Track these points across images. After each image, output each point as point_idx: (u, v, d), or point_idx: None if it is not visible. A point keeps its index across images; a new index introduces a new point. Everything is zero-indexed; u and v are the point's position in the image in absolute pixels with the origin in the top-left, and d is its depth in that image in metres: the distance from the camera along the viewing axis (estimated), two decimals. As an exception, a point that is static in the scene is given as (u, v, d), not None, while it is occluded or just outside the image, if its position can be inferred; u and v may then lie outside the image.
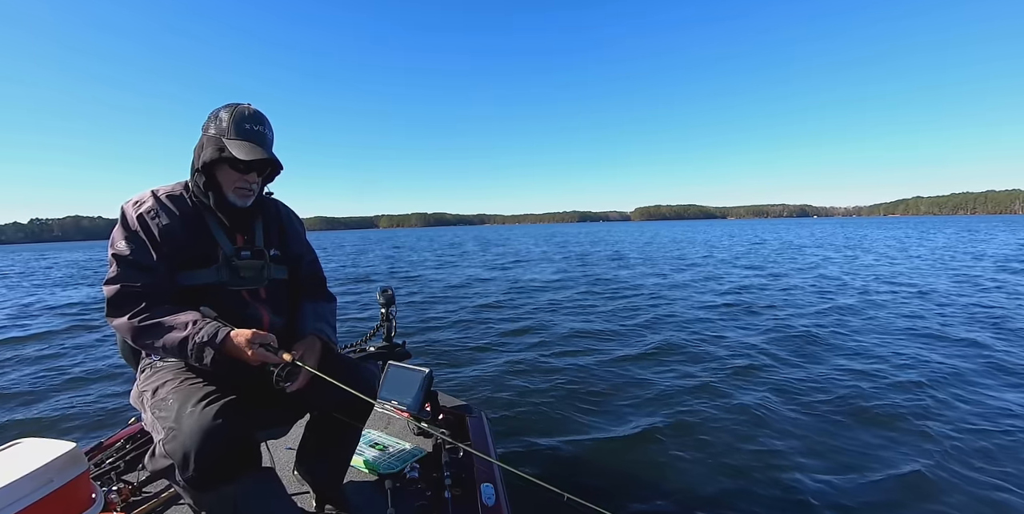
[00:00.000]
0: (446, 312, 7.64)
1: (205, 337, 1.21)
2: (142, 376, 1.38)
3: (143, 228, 1.30)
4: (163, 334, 1.23)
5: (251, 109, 1.37)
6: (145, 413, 1.29)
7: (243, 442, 1.20)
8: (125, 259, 1.27)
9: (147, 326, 1.23)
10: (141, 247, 1.29)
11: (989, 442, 2.86)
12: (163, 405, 1.22)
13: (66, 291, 12.67)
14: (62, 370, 4.95)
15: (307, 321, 1.51)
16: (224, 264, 1.39)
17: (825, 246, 22.15)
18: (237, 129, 1.32)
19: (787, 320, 6.31)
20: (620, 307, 7.66)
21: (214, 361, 1.22)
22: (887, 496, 2.39)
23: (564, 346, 5.32)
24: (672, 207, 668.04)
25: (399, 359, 2.27)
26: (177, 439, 1.12)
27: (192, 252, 1.36)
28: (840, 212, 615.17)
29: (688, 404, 3.55)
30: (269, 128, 1.39)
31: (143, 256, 1.28)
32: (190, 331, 1.22)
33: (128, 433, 2.06)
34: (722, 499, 2.40)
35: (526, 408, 3.52)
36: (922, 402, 3.45)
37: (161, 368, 1.36)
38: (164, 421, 1.18)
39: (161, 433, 1.17)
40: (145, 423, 1.29)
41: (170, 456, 1.13)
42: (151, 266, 1.28)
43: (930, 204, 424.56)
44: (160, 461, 1.16)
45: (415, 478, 1.84)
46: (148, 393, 1.29)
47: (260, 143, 1.34)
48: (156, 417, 1.22)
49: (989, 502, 2.33)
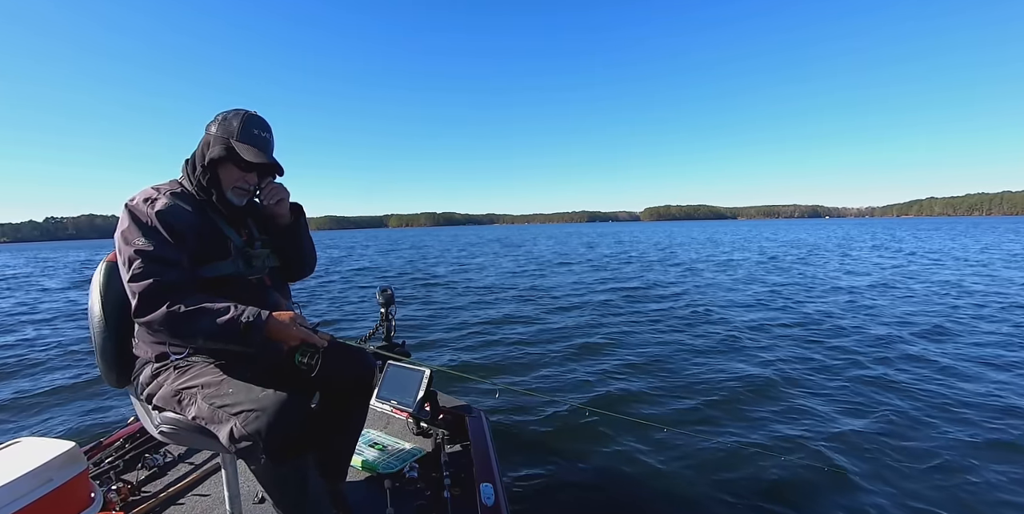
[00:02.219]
0: (453, 311, 7.65)
1: (251, 317, 1.26)
2: (174, 374, 1.37)
3: (162, 224, 1.31)
4: (208, 318, 1.25)
5: (258, 116, 1.46)
6: (191, 408, 1.31)
7: (308, 417, 1.30)
8: (150, 254, 1.28)
9: (190, 312, 1.25)
10: (163, 242, 1.30)
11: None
12: (222, 394, 1.27)
13: (65, 291, 12.83)
14: (62, 370, 5.00)
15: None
16: (239, 255, 1.46)
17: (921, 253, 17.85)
18: (246, 133, 1.40)
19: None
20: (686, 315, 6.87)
21: (260, 341, 1.27)
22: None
23: (565, 346, 5.31)
24: (682, 207, 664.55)
25: (399, 359, 2.27)
26: (260, 419, 1.20)
27: (208, 245, 1.41)
28: (853, 213, 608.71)
29: (703, 407, 3.53)
30: (272, 135, 1.49)
31: (167, 251, 1.30)
32: (235, 313, 1.26)
33: (127, 432, 2.07)
34: (724, 500, 2.39)
35: (526, 408, 3.52)
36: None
37: (190, 366, 1.38)
38: (233, 407, 1.24)
39: (232, 419, 1.23)
40: (193, 417, 1.31)
41: (252, 436, 1.20)
42: (176, 260, 1.31)
43: (944, 205, 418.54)
44: (242, 443, 1.22)
45: (414, 478, 1.83)
46: (192, 388, 1.32)
47: (264, 149, 1.44)
48: (217, 406, 1.26)
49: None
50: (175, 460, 1.98)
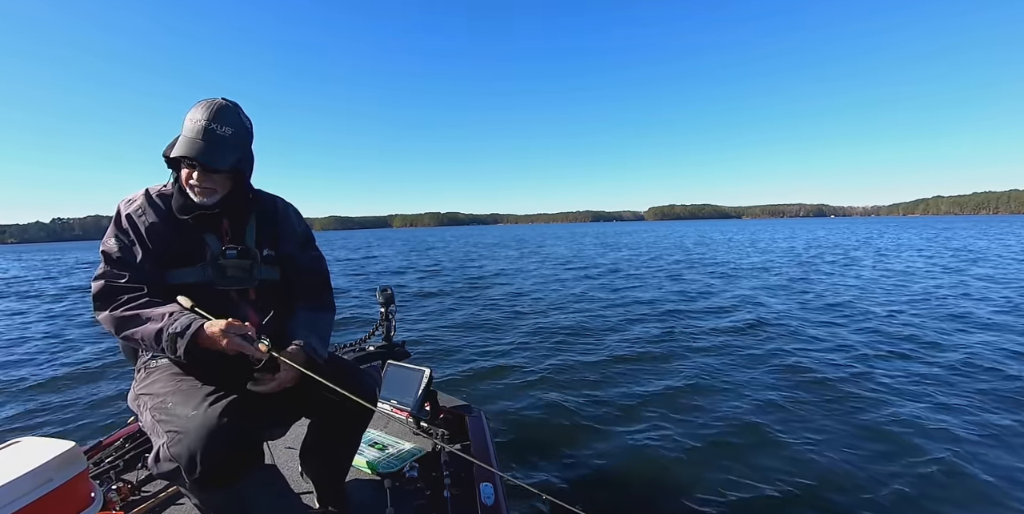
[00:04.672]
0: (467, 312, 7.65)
1: (179, 327, 1.20)
2: (138, 377, 1.38)
3: (131, 226, 1.31)
4: (140, 324, 1.23)
5: (215, 104, 1.31)
6: (143, 416, 1.28)
7: (248, 440, 1.21)
8: (111, 256, 1.30)
9: (127, 317, 1.24)
10: (125, 245, 1.31)
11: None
12: (162, 407, 1.21)
13: (66, 292, 12.92)
14: (61, 369, 5.03)
15: (297, 330, 1.44)
16: (210, 263, 1.37)
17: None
18: (190, 126, 1.29)
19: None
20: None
21: (187, 352, 1.20)
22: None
23: (568, 346, 5.31)
24: (686, 207, 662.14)
25: (399, 359, 2.27)
26: (182, 442, 1.11)
27: (178, 250, 1.35)
28: (858, 212, 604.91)
29: (699, 405, 3.52)
30: (229, 125, 1.31)
31: (127, 253, 1.30)
32: (165, 322, 1.22)
33: (127, 432, 2.07)
34: (725, 500, 2.38)
35: (526, 407, 3.52)
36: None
37: (155, 369, 1.36)
38: (165, 424, 1.17)
39: (163, 437, 1.16)
40: (143, 425, 1.28)
41: (175, 459, 1.12)
42: (134, 263, 1.30)
43: (951, 204, 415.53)
44: (165, 464, 1.15)
45: (414, 477, 1.83)
46: (145, 396, 1.29)
47: (204, 138, 1.28)
48: (156, 420, 1.21)
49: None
50: None
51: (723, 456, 2.80)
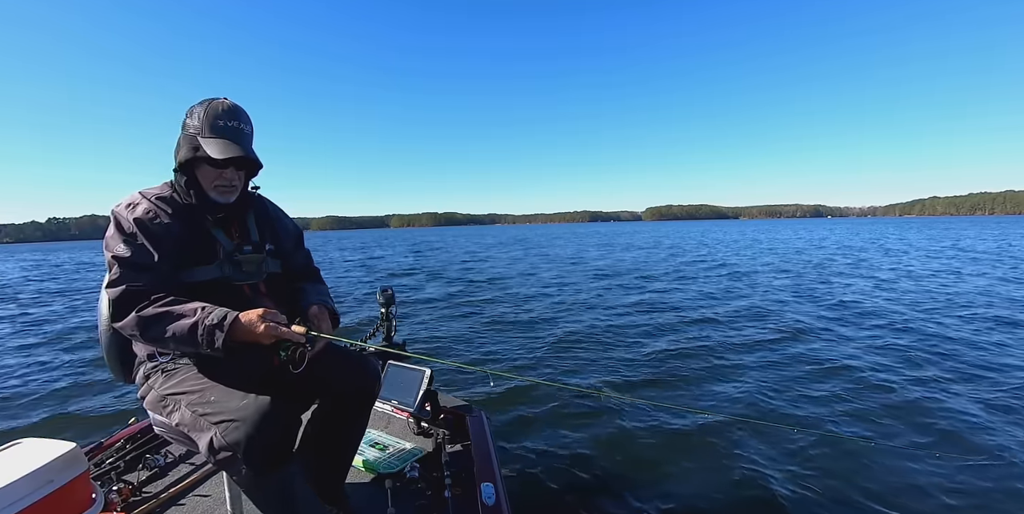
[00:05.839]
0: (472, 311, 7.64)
1: (215, 320, 1.21)
2: (161, 378, 1.36)
3: (141, 229, 1.30)
4: (172, 322, 1.22)
5: (227, 104, 1.35)
6: (175, 414, 1.28)
7: (296, 424, 1.28)
8: (126, 260, 1.27)
9: (155, 316, 1.23)
10: (140, 248, 1.29)
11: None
12: (205, 402, 1.24)
13: (66, 291, 12.86)
14: (62, 370, 5.01)
15: (310, 296, 1.55)
16: (226, 259, 1.41)
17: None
18: (212, 126, 1.31)
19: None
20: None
21: (225, 345, 1.21)
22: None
23: (568, 347, 5.31)
24: (684, 207, 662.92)
25: (399, 359, 2.27)
26: (240, 429, 1.15)
27: (192, 250, 1.37)
28: (855, 212, 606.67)
29: (703, 403, 3.52)
30: (246, 122, 1.38)
31: (143, 256, 1.28)
32: (200, 316, 1.22)
33: (128, 433, 2.07)
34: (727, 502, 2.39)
35: (527, 407, 3.52)
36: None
37: (176, 369, 1.36)
38: (213, 417, 1.20)
39: (211, 429, 1.19)
40: (176, 424, 1.28)
41: (231, 446, 1.15)
42: (152, 265, 1.29)
43: (947, 204, 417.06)
44: (221, 454, 1.18)
45: (415, 478, 1.83)
46: (177, 395, 1.30)
47: (235, 139, 1.33)
48: (199, 415, 1.23)
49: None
50: (176, 461, 1.98)
51: (726, 458, 2.79)
